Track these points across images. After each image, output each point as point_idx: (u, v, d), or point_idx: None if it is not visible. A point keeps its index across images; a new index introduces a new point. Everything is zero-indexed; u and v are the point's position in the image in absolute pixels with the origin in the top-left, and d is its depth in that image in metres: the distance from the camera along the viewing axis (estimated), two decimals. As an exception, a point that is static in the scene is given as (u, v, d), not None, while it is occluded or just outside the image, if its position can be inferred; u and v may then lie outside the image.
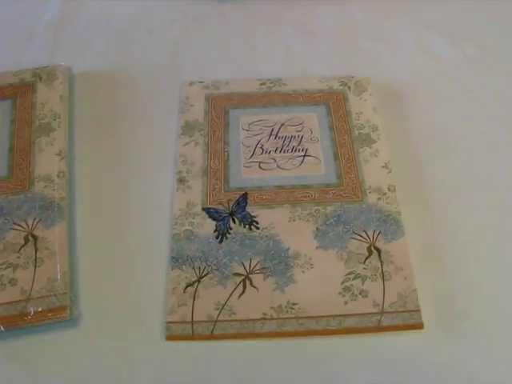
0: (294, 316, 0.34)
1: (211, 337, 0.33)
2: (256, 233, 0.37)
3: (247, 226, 0.37)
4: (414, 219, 0.38)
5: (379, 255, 0.36)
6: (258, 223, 0.38)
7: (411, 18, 0.50)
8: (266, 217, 0.38)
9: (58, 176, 0.38)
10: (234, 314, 0.34)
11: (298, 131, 0.42)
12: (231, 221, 0.38)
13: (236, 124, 0.43)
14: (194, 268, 0.36)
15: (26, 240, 0.35)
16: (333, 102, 0.44)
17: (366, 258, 0.36)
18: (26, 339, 0.33)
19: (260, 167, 0.40)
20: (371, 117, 0.43)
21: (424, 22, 0.50)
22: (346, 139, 0.42)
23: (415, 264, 0.36)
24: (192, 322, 0.34)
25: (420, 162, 0.41)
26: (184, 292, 0.35)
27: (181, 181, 0.40)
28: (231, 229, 0.37)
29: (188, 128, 0.43)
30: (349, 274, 0.35)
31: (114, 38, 0.48)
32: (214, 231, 0.37)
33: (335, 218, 0.38)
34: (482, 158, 0.41)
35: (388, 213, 0.38)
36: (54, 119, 0.41)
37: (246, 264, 0.36)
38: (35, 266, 0.34)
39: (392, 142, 0.41)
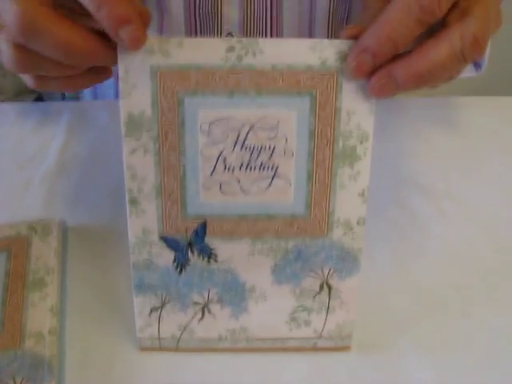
0: (245, 337, 0.40)
1: (176, 349, 0.40)
2: (215, 265, 0.37)
3: (206, 258, 0.37)
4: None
5: (329, 291, 0.39)
6: (216, 256, 0.37)
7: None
8: (225, 249, 0.37)
9: (49, 333, 0.38)
10: (195, 333, 0.40)
11: (270, 139, 0.34)
12: (190, 252, 0.37)
13: (193, 121, 0.34)
14: (156, 295, 0.38)
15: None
16: (321, 92, 0.33)
17: (317, 294, 0.39)
18: None
19: (221, 189, 0.35)
20: (365, 120, 0.34)
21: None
22: (327, 153, 0.35)
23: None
24: (159, 338, 0.40)
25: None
26: (149, 316, 0.39)
27: (132, 202, 0.36)
28: (190, 260, 0.37)
29: (133, 126, 0.34)
30: (298, 307, 0.39)
31: (106, 191, 0.49)
32: (173, 261, 0.37)
33: (295, 254, 0.37)
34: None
35: (349, 250, 0.37)
36: (48, 274, 0.41)
37: (205, 294, 0.38)
38: None
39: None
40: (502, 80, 0.51)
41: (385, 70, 0.32)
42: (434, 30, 0.32)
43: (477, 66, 0.49)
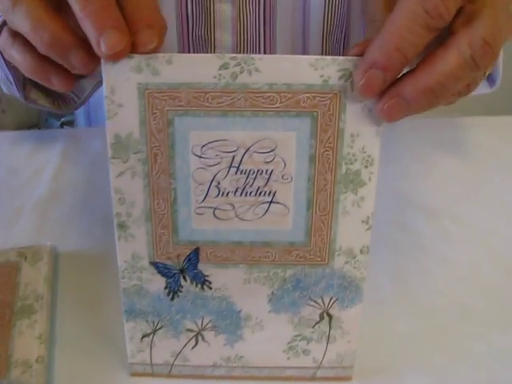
0: (240, 365, 0.38)
1: (169, 376, 0.38)
2: (208, 293, 0.35)
3: (199, 285, 0.35)
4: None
5: (330, 321, 0.36)
6: (210, 283, 0.35)
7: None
8: (219, 277, 0.35)
9: (36, 361, 0.37)
10: (188, 360, 0.38)
11: (267, 162, 0.32)
12: (182, 278, 0.35)
13: (184, 143, 0.31)
14: (147, 321, 0.36)
15: None
16: (323, 113, 0.31)
17: (316, 323, 0.36)
18: None
19: (215, 215, 0.33)
20: (370, 143, 0.31)
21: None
22: (328, 179, 0.32)
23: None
24: (151, 364, 0.38)
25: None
26: (141, 341, 0.37)
27: (121, 227, 0.33)
28: (182, 287, 0.35)
29: (120, 147, 0.31)
30: (296, 336, 0.37)
31: (99, 217, 0.48)
32: (165, 288, 0.35)
33: (293, 283, 0.35)
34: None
35: (351, 279, 0.35)
36: (37, 300, 0.40)
37: (198, 322, 0.36)
38: None
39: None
40: (503, 99, 0.48)
41: (392, 90, 0.29)
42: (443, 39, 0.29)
43: (491, 81, 0.46)
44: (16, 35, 0.33)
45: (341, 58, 0.29)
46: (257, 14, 0.50)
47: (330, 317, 0.36)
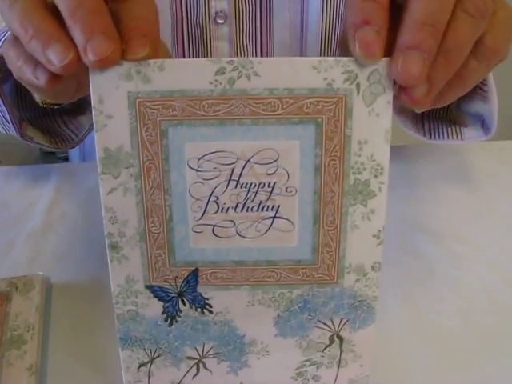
0: (246, 394, 0.35)
1: (169, 406, 0.36)
2: (209, 317, 0.33)
3: (199, 309, 0.33)
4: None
5: (341, 344, 0.34)
6: (211, 306, 0.33)
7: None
8: (220, 299, 0.32)
9: None
10: (189, 390, 0.35)
11: (269, 174, 0.30)
12: (180, 302, 0.32)
13: (180, 156, 0.29)
14: (144, 349, 0.34)
15: None
16: (328, 119, 0.28)
17: (326, 347, 0.34)
18: None
19: (214, 233, 0.31)
20: (379, 150, 0.29)
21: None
22: (336, 191, 0.30)
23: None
24: (149, 394, 0.35)
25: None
26: (138, 371, 0.34)
27: (113, 248, 0.31)
28: (181, 311, 0.33)
29: (110, 162, 0.29)
30: (305, 361, 0.34)
31: (93, 248, 0.47)
32: (162, 313, 0.33)
33: (300, 304, 0.33)
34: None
35: (363, 298, 0.32)
36: (28, 330, 0.39)
37: (199, 348, 0.34)
38: None
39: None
40: (501, 124, 0.48)
41: (395, 50, 0.27)
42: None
43: (486, 129, 0.46)
44: (16, 38, 0.31)
45: (344, 58, 0.27)
46: (254, 50, 0.49)
47: (341, 339, 0.34)
